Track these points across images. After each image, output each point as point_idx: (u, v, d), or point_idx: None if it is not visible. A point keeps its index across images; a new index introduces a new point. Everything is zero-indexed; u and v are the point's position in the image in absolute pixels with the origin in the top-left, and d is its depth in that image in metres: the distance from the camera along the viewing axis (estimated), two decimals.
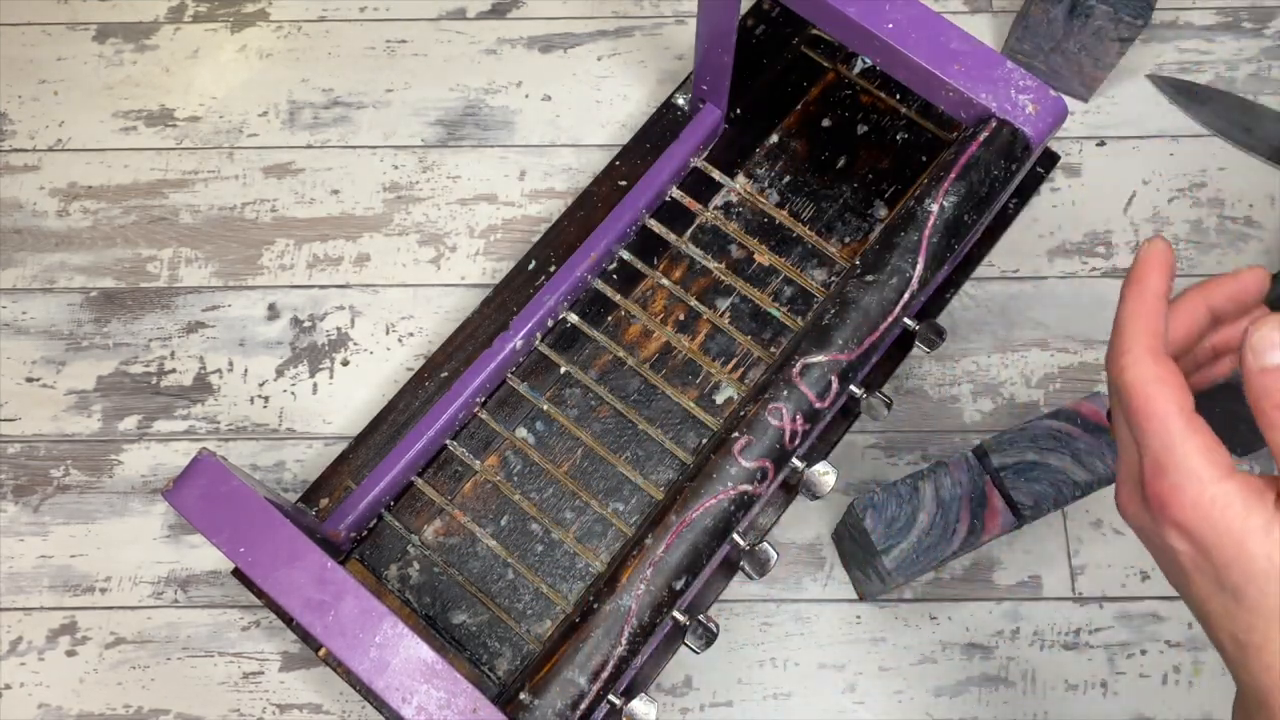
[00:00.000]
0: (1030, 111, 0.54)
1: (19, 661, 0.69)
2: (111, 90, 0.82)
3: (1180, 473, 0.35)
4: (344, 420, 0.73)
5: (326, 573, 0.47)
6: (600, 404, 0.66)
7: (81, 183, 0.80)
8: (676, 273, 0.69)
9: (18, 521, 0.72)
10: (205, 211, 0.79)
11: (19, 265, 0.77)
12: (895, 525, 0.60)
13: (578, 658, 0.47)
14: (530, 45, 0.83)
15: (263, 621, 0.69)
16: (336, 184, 0.79)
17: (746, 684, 0.68)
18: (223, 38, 0.84)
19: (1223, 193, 0.78)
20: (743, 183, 0.71)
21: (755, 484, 0.49)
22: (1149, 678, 0.67)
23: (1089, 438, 0.62)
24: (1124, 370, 0.36)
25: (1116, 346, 0.37)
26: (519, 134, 0.81)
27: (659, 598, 0.48)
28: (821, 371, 0.50)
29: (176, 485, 0.48)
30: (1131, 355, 0.37)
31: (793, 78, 0.73)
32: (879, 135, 0.72)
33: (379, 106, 0.81)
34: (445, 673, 0.46)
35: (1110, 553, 0.70)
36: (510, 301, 0.69)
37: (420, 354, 0.75)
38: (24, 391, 0.75)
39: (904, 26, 0.55)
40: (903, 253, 0.52)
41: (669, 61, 0.82)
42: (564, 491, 0.65)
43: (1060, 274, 0.76)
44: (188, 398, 0.74)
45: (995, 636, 0.68)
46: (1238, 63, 0.82)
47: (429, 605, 0.63)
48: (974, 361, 0.74)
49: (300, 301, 0.76)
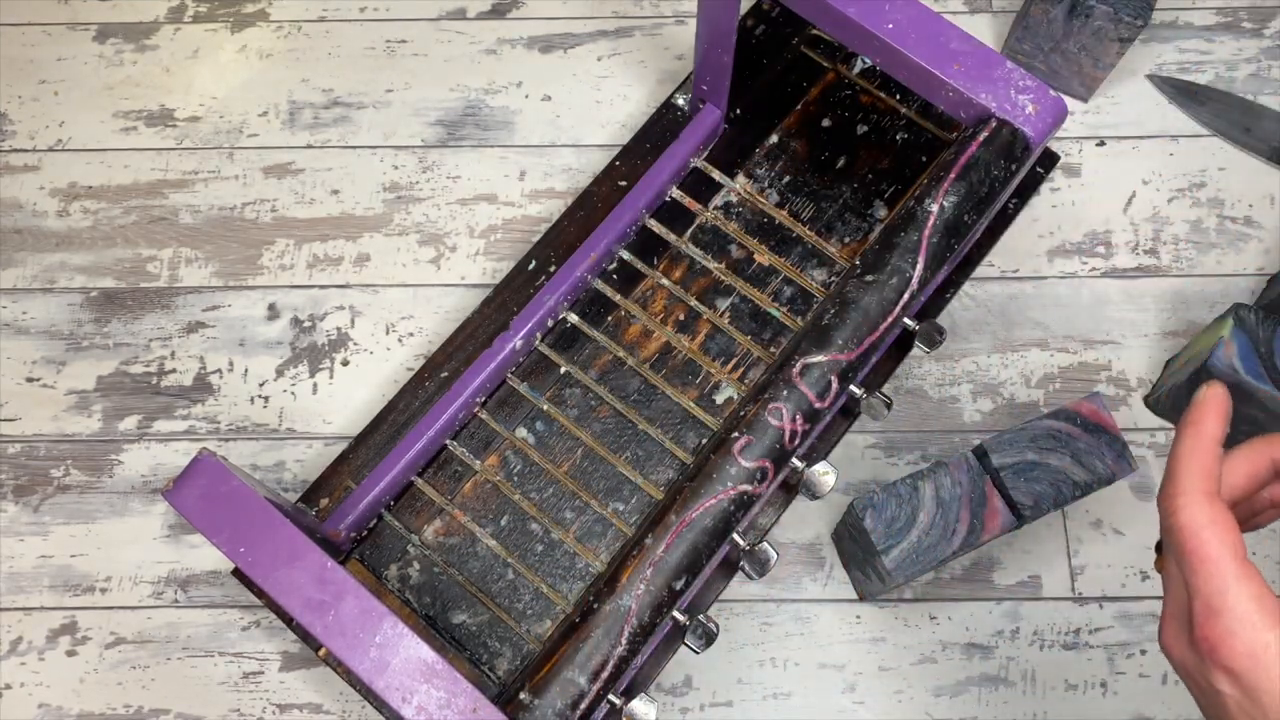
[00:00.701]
0: (1030, 111, 0.54)
1: (19, 661, 0.69)
2: (112, 90, 0.82)
3: (1233, 618, 0.35)
4: (344, 420, 0.73)
5: (326, 573, 0.47)
6: (600, 404, 0.66)
7: (82, 183, 0.80)
8: (676, 273, 0.69)
9: (18, 521, 0.72)
10: (205, 211, 0.79)
11: (19, 265, 0.78)
12: (895, 525, 0.60)
13: (578, 658, 0.47)
14: (530, 45, 0.83)
15: (263, 621, 0.69)
16: (336, 184, 0.79)
17: (746, 684, 0.68)
18: (223, 38, 0.84)
19: (1223, 193, 0.78)
20: (743, 183, 0.71)
21: (755, 484, 0.49)
22: (1149, 678, 0.67)
23: (1089, 438, 0.62)
24: (1178, 511, 0.37)
25: (1171, 487, 0.38)
26: (519, 134, 0.81)
27: (659, 598, 0.48)
28: (821, 371, 0.50)
29: (176, 485, 0.48)
30: (1186, 497, 0.37)
31: (793, 78, 0.73)
32: (879, 135, 0.72)
33: (379, 106, 0.81)
34: (445, 673, 0.46)
35: (1110, 553, 0.70)
36: (510, 301, 0.69)
37: (420, 354, 0.75)
38: (24, 391, 0.75)
39: (904, 26, 0.55)
40: (903, 253, 0.52)
41: (669, 61, 0.82)
42: (564, 491, 0.65)
43: (1060, 274, 0.76)
44: (188, 398, 0.74)
45: (995, 636, 0.68)
46: (1238, 63, 0.82)
47: (429, 605, 0.63)
48: (974, 361, 0.74)
49: (300, 301, 0.76)
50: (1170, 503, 0.38)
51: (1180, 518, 0.37)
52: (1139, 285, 0.76)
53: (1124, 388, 0.73)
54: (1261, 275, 0.76)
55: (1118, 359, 0.74)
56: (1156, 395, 0.72)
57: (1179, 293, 0.76)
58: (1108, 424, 0.62)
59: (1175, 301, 0.75)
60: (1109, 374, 0.74)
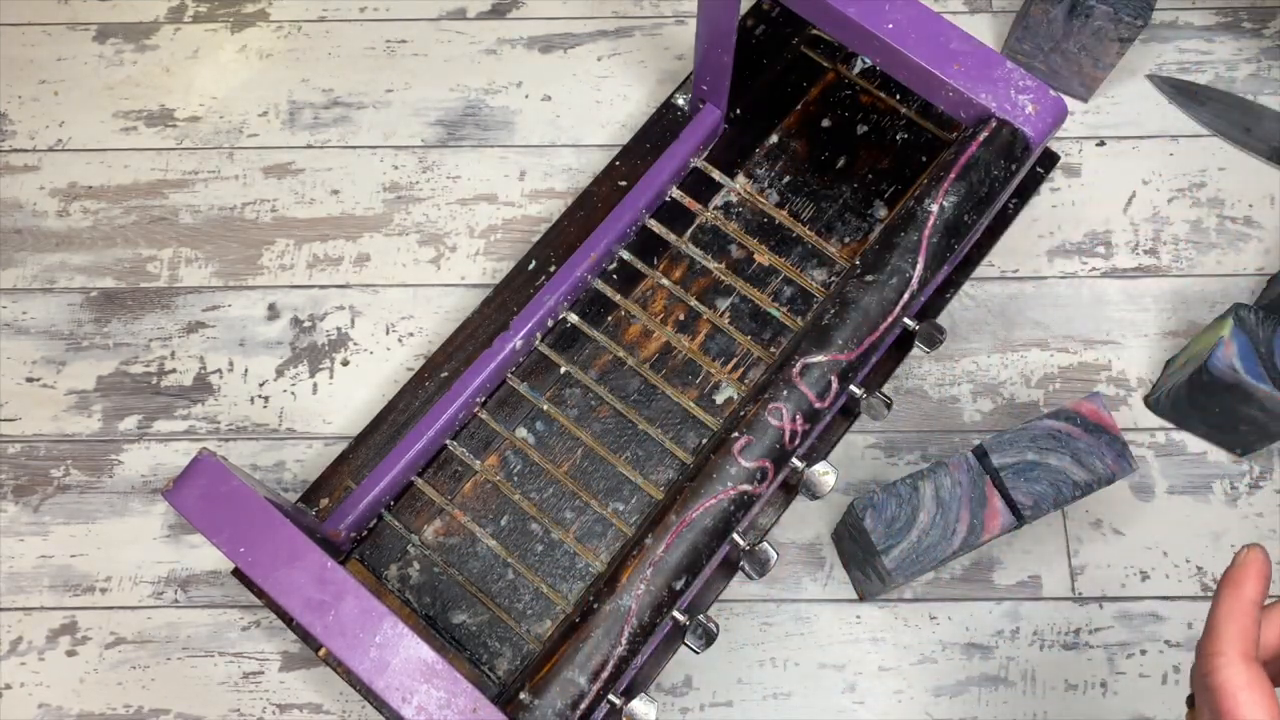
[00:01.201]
0: (1030, 111, 0.54)
1: (19, 661, 0.69)
2: (112, 90, 0.82)
3: None
4: (344, 420, 0.73)
5: (326, 573, 0.47)
6: (600, 404, 0.66)
7: (81, 183, 0.80)
8: (676, 273, 0.69)
9: (18, 521, 0.72)
10: (205, 211, 0.79)
11: (19, 265, 0.78)
12: (895, 525, 0.60)
13: (578, 658, 0.47)
14: (530, 45, 0.83)
15: (263, 621, 0.69)
16: (336, 184, 0.79)
17: (746, 684, 0.68)
18: (223, 38, 0.84)
19: (1222, 193, 0.78)
20: (743, 183, 0.71)
21: (755, 484, 0.49)
22: (1149, 678, 0.67)
23: (1089, 438, 0.62)
24: (1216, 671, 0.38)
25: (1210, 646, 0.39)
26: (519, 134, 0.81)
27: (659, 598, 0.48)
28: (821, 371, 0.50)
29: (176, 485, 0.48)
30: (1225, 658, 0.38)
31: (793, 78, 0.73)
32: (879, 135, 0.72)
33: (379, 106, 0.81)
34: (445, 673, 0.46)
35: (1110, 553, 0.70)
36: (510, 301, 0.69)
37: (420, 354, 0.75)
38: (24, 391, 0.75)
39: (904, 26, 0.55)
40: (903, 253, 0.52)
41: (669, 61, 0.82)
42: (564, 491, 0.65)
43: (1060, 274, 0.76)
44: (188, 398, 0.74)
45: (995, 636, 0.68)
46: (1237, 63, 0.82)
47: (429, 605, 0.63)
48: (974, 361, 0.74)
49: (300, 301, 0.76)
50: (1208, 662, 0.39)
51: (1218, 678, 0.38)
52: (1139, 285, 0.76)
53: (1124, 388, 0.73)
54: (1261, 275, 0.76)
55: (1118, 359, 0.74)
56: (1156, 395, 0.72)
57: (1179, 293, 0.76)
58: (1108, 424, 0.62)
59: (1175, 301, 0.75)
60: (1109, 374, 0.74)
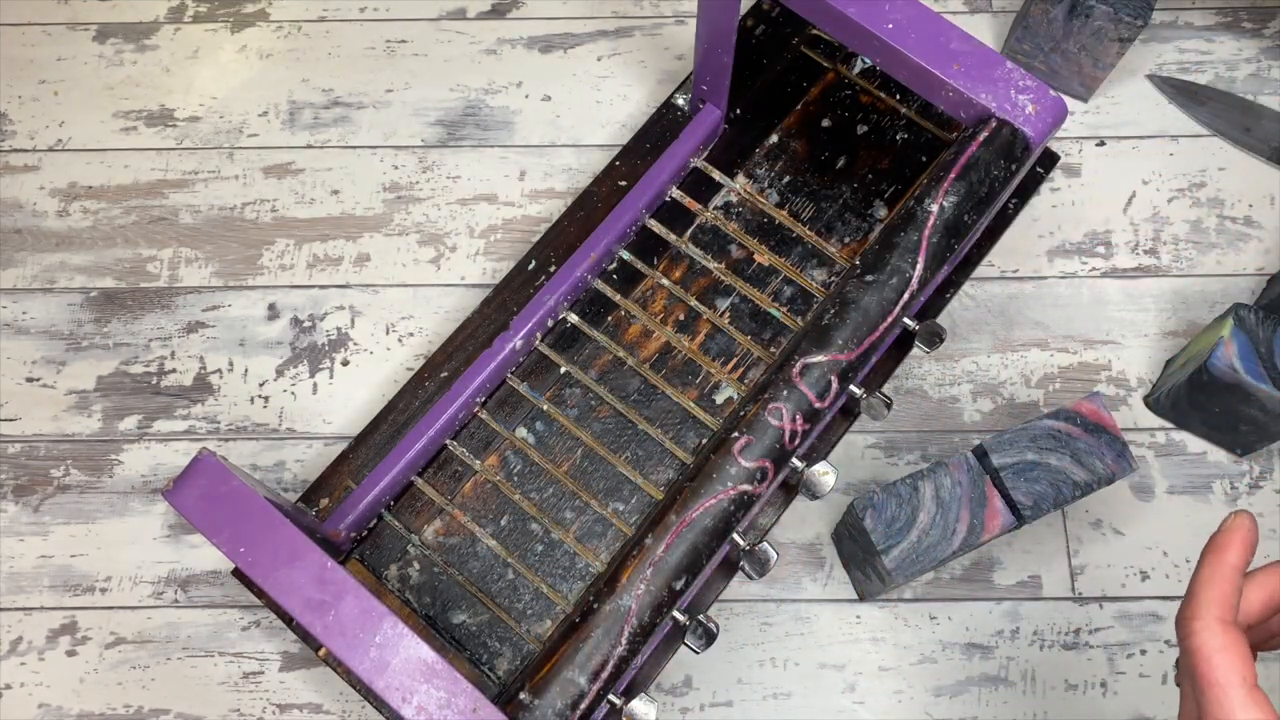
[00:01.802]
0: (1030, 111, 0.54)
1: (19, 661, 0.69)
2: (111, 90, 0.82)
3: None
4: (344, 420, 0.73)
5: (326, 573, 0.47)
6: (600, 404, 0.66)
7: (81, 183, 0.80)
8: (676, 273, 0.69)
9: (18, 521, 0.72)
10: (205, 211, 0.79)
11: (19, 265, 0.78)
12: (895, 525, 0.60)
13: (578, 658, 0.47)
14: (530, 45, 0.83)
15: (263, 621, 0.69)
16: (336, 184, 0.79)
17: (746, 684, 0.68)
18: (223, 38, 0.84)
19: (1222, 193, 0.78)
20: (743, 183, 0.71)
21: (755, 484, 0.49)
22: (1149, 678, 0.67)
23: (1089, 438, 0.62)
24: (1193, 634, 0.39)
25: (1188, 610, 0.40)
26: (519, 134, 0.81)
27: (659, 598, 0.48)
28: (821, 371, 0.50)
29: (176, 485, 0.48)
30: (1201, 622, 0.39)
31: (793, 78, 0.73)
32: (879, 135, 0.72)
33: (379, 106, 0.81)
34: (445, 673, 0.46)
35: (1110, 553, 0.70)
36: (510, 301, 0.69)
37: (420, 354, 0.75)
38: (24, 391, 0.75)
39: (904, 26, 0.55)
40: (903, 253, 0.52)
41: (669, 61, 0.82)
42: (564, 491, 0.65)
43: (1060, 274, 0.76)
44: (188, 398, 0.74)
45: (995, 636, 0.68)
46: (1237, 63, 0.82)
47: (429, 605, 0.63)
48: (974, 361, 0.74)
49: (300, 301, 0.76)
50: (1186, 625, 0.39)
51: (1195, 641, 0.39)
52: (1139, 285, 0.76)
53: (1124, 388, 0.73)
54: (1261, 275, 0.76)
55: (1118, 359, 0.74)
56: (1156, 395, 0.72)
57: (1179, 293, 0.76)
58: (1108, 424, 0.62)
59: (1175, 301, 0.75)
60: (1109, 374, 0.74)
